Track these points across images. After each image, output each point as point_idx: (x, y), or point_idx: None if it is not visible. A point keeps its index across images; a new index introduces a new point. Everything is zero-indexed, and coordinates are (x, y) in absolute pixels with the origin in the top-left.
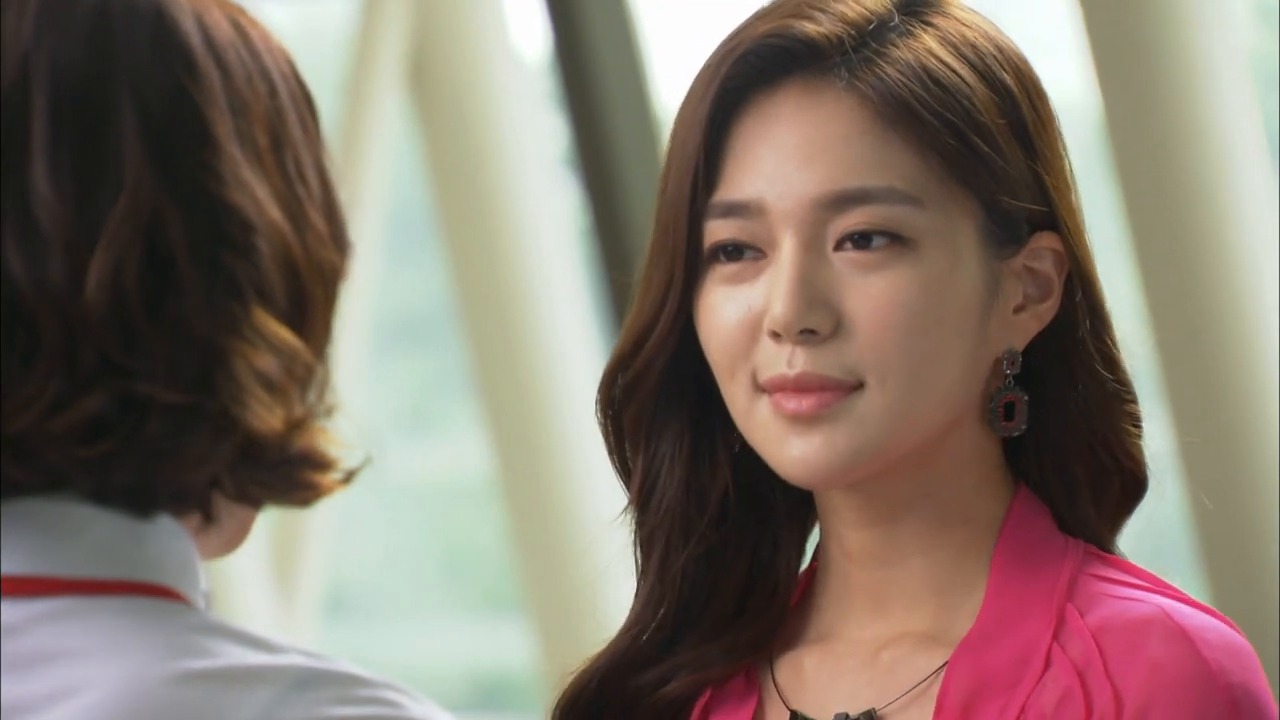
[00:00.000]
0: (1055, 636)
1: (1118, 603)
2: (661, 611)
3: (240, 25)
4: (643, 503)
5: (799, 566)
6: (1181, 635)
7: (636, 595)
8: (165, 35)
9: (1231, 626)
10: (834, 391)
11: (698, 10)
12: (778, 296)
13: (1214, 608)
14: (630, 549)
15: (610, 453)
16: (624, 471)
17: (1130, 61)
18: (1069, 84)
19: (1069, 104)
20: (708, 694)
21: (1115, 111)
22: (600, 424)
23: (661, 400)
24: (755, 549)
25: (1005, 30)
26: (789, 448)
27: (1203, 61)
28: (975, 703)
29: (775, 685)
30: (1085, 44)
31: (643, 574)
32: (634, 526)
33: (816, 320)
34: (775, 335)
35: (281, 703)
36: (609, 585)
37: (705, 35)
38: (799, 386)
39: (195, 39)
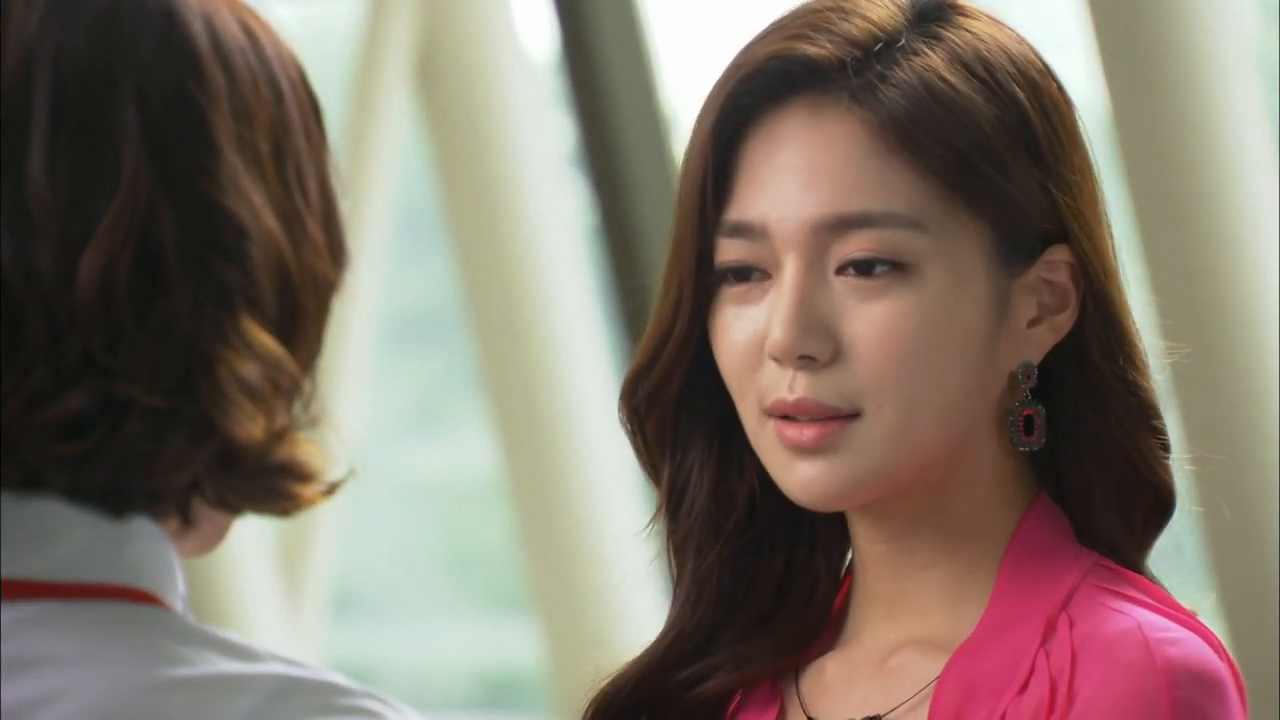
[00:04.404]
0: (1043, 644)
1: (1105, 613)
2: (698, 614)
3: (251, 30)
4: (673, 509)
5: (841, 566)
6: (1144, 646)
7: (673, 601)
8: (173, 36)
9: (1225, 659)
10: (833, 423)
11: (706, 9)
12: (777, 322)
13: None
14: (663, 556)
15: (639, 460)
16: (654, 478)
17: (1137, 59)
18: (1075, 82)
19: (1075, 102)
20: (736, 699)
21: (1122, 109)
22: (626, 433)
23: (685, 409)
24: (792, 548)
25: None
26: (794, 471)
27: (1209, 59)
28: (966, 708)
29: (798, 692)
30: (1092, 41)
31: (677, 580)
32: (666, 533)
33: (814, 347)
34: (776, 359)
35: (262, 711)
36: (620, 587)
37: (713, 34)
38: (798, 410)
39: (203, 41)
